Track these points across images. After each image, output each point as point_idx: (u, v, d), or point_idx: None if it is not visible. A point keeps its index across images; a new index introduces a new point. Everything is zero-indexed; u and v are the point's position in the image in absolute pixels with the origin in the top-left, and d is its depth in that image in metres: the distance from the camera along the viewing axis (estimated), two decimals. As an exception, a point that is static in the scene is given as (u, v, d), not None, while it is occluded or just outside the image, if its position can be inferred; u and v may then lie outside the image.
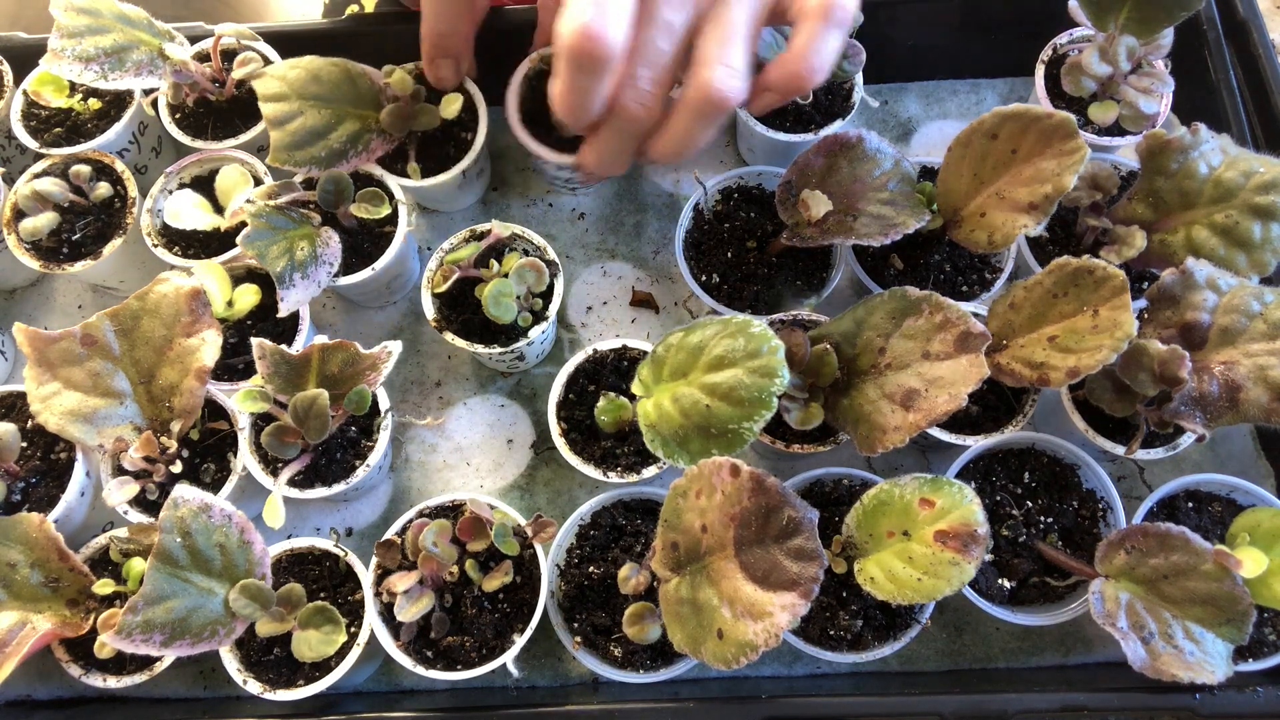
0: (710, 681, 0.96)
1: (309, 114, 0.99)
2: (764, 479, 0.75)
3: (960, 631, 0.98)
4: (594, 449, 0.96)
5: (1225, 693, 0.84)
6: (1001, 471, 0.95)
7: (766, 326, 0.84)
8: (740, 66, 0.84)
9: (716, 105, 0.83)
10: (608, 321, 1.12)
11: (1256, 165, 0.91)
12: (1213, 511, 0.94)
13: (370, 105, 1.03)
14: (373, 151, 1.03)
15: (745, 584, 0.75)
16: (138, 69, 1.03)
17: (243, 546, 0.85)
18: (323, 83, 1.00)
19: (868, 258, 1.04)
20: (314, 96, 1.00)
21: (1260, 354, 0.83)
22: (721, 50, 0.83)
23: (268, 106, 0.98)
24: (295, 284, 0.95)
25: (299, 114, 0.99)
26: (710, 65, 0.82)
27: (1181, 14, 0.97)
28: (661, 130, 0.88)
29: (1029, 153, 0.91)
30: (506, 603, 0.91)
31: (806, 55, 0.84)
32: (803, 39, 0.85)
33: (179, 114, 1.11)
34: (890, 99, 1.21)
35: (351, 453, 0.97)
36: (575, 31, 0.77)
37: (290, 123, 0.98)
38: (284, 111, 0.98)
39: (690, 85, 0.84)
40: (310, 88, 1.00)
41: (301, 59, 1.01)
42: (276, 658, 0.90)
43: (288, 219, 0.98)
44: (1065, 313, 0.85)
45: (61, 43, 1.00)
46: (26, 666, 0.95)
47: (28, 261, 1.03)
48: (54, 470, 0.98)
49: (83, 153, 1.08)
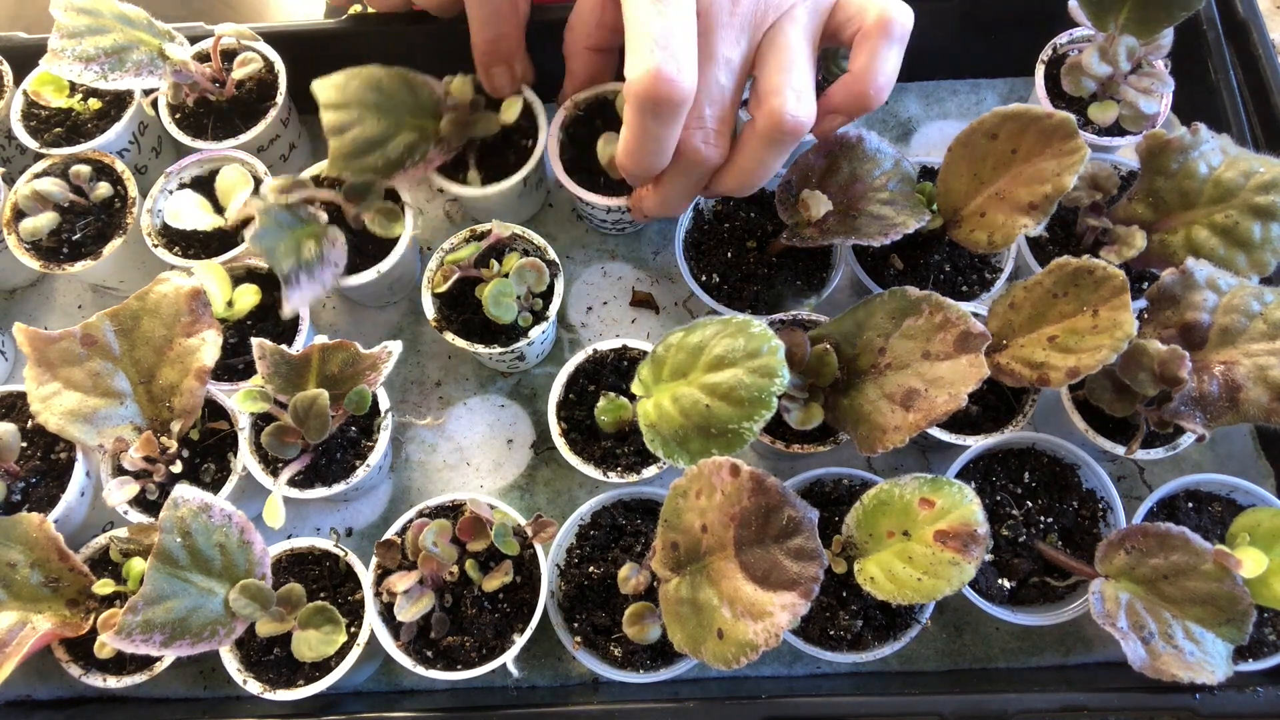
0: (710, 681, 0.96)
1: (367, 123, 0.96)
2: (764, 479, 0.75)
3: (960, 631, 0.98)
4: (594, 449, 0.96)
5: (1225, 693, 0.84)
6: (1001, 471, 0.95)
7: (766, 326, 0.84)
8: (807, 91, 0.83)
9: (789, 133, 0.83)
10: (608, 321, 1.12)
11: (1256, 165, 0.91)
12: (1213, 511, 0.94)
13: (429, 115, 1.01)
14: (430, 161, 1.00)
15: (745, 584, 0.75)
16: (138, 69, 1.03)
17: (243, 546, 0.85)
18: (382, 91, 0.98)
19: (868, 258, 1.04)
20: (373, 105, 0.97)
21: (1260, 354, 0.83)
22: (786, 77, 0.82)
23: (327, 114, 0.95)
24: (301, 284, 0.94)
25: (357, 123, 0.96)
26: (779, 94, 0.82)
27: (1181, 14, 0.97)
28: (731, 164, 0.87)
29: (1029, 153, 0.91)
30: (506, 603, 0.91)
31: (873, 75, 0.84)
32: (865, 58, 0.84)
33: (179, 114, 1.11)
34: (890, 99, 1.21)
35: (351, 453, 0.97)
36: (647, 76, 0.76)
37: (348, 131, 0.95)
38: (342, 120, 0.95)
39: (760, 115, 0.83)
40: (369, 96, 0.97)
41: (361, 68, 0.98)
42: (276, 658, 0.90)
43: (295, 217, 0.98)
44: (1065, 313, 0.86)
45: (61, 43, 1.00)
46: (26, 666, 0.95)
47: (28, 261, 1.03)
48: (54, 470, 0.98)
49: (83, 153, 1.08)
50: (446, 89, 1.02)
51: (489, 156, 1.07)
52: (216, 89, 1.09)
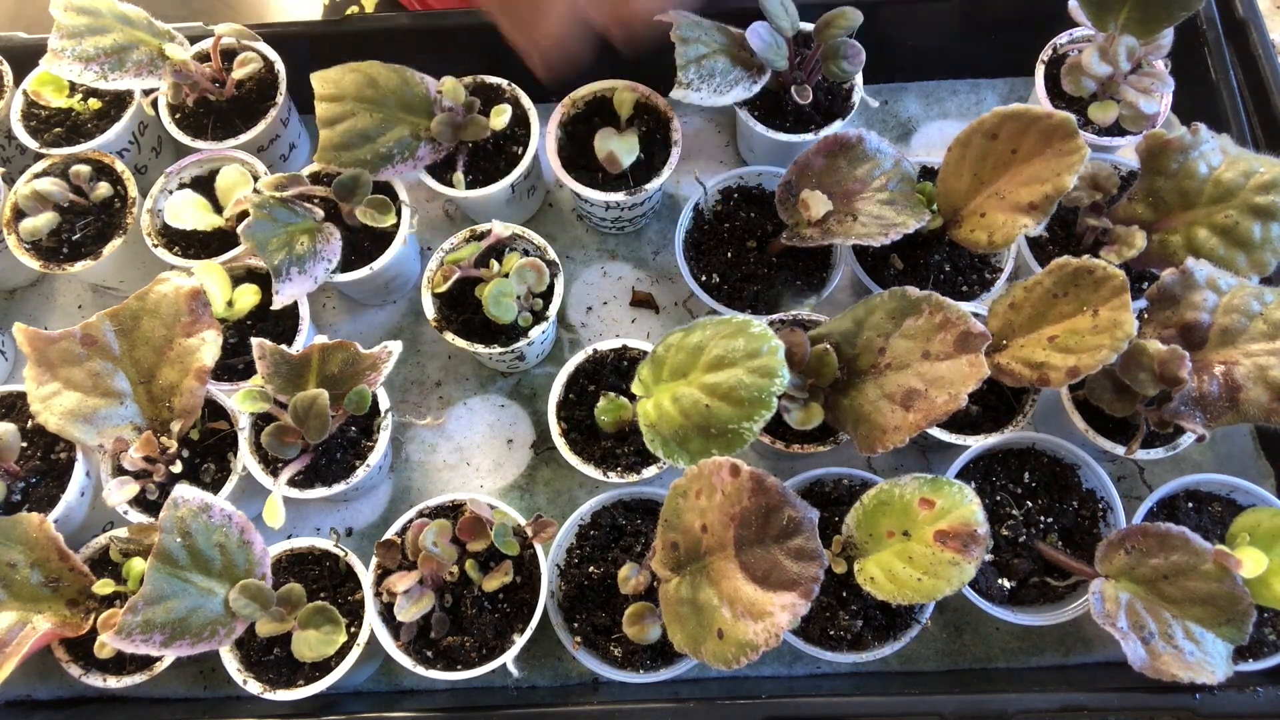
0: (710, 681, 0.96)
1: (360, 116, 0.98)
2: (764, 479, 0.75)
3: (960, 631, 0.98)
4: (594, 449, 0.96)
5: (1225, 693, 0.84)
6: (1001, 471, 0.95)
7: (766, 326, 0.84)
8: None
9: None
10: (608, 321, 1.12)
11: (1256, 165, 0.91)
12: (1213, 511, 0.94)
13: (422, 113, 1.02)
14: (420, 159, 1.02)
15: (745, 584, 0.75)
16: (138, 69, 1.03)
17: (243, 546, 0.85)
18: (377, 87, 1.00)
19: (868, 258, 1.03)
20: (367, 100, 0.99)
21: (1260, 354, 0.83)
22: None
23: (320, 106, 0.98)
24: (292, 278, 0.95)
25: (350, 115, 0.98)
26: None
27: (1181, 14, 0.97)
28: None
29: (1029, 153, 0.91)
30: (506, 603, 0.91)
31: None
32: None
33: (179, 114, 1.11)
34: (890, 99, 1.21)
35: (351, 453, 0.97)
36: None
37: (340, 124, 0.98)
38: (335, 112, 0.98)
39: None
40: (365, 91, 0.99)
41: (359, 63, 1.00)
42: (276, 658, 0.90)
43: (291, 212, 0.98)
44: (1065, 313, 0.85)
45: (61, 43, 1.00)
46: (26, 666, 0.95)
47: (28, 261, 1.03)
48: (54, 470, 0.98)
49: (83, 153, 1.08)
50: (439, 89, 1.03)
51: (480, 160, 1.07)
52: (216, 89, 1.09)
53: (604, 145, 1.02)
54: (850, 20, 1.01)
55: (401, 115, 1.01)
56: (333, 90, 0.99)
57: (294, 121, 1.17)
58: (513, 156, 1.07)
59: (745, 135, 1.14)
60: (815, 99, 1.08)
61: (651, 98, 1.07)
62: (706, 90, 0.99)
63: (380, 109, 1.00)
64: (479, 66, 1.09)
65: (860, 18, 1.01)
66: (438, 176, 1.05)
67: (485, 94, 1.09)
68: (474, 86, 1.07)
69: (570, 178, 1.04)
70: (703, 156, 1.19)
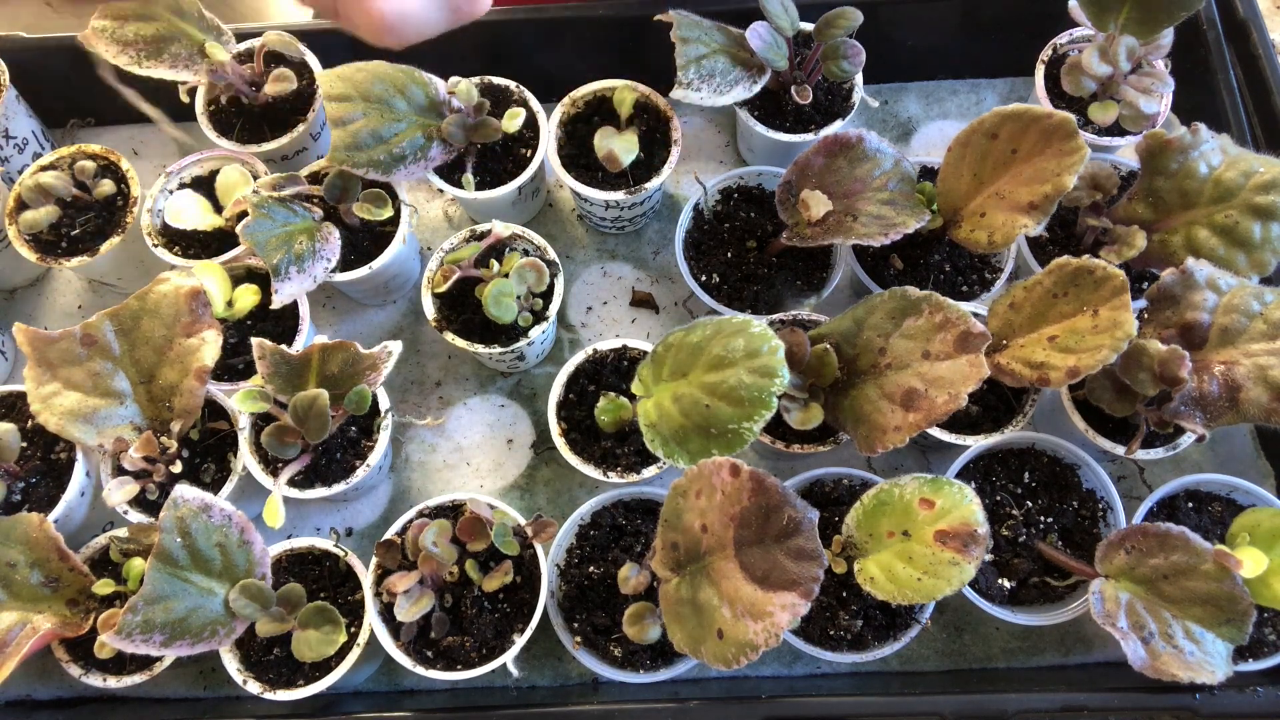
0: (710, 681, 0.96)
1: (371, 116, 0.97)
2: (764, 479, 0.75)
3: (960, 631, 0.98)
4: (594, 449, 0.96)
5: (1225, 693, 0.84)
6: (1001, 471, 0.95)
7: (766, 326, 0.84)
8: None
9: None
10: (608, 321, 1.12)
11: (1256, 165, 0.91)
12: (1213, 511, 0.94)
13: (432, 113, 1.01)
14: (431, 160, 1.01)
15: (745, 584, 0.75)
16: (174, 61, 1.02)
17: (243, 546, 0.85)
18: (388, 87, 0.99)
19: (868, 258, 1.04)
20: (378, 100, 0.98)
21: (1260, 354, 0.83)
22: None
23: (330, 105, 0.96)
24: (290, 277, 0.95)
25: (361, 115, 0.97)
26: None
27: (1181, 14, 0.97)
28: None
29: (1029, 153, 0.91)
30: (506, 603, 0.91)
31: None
32: None
33: (213, 108, 1.10)
34: (890, 99, 1.21)
35: (351, 453, 0.97)
36: None
37: (351, 124, 0.96)
38: (346, 112, 0.96)
39: None
40: (375, 91, 0.98)
41: (368, 63, 0.99)
42: (276, 658, 0.90)
43: (289, 212, 0.98)
44: (1065, 313, 0.85)
45: (103, 23, 0.99)
46: (26, 666, 0.95)
47: (26, 253, 1.03)
48: (54, 470, 0.98)
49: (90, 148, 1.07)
50: (451, 91, 1.02)
51: (488, 161, 1.07)
52: (251, 92, 1.08)
53: (604, 144, 1.02)
54: (850, 20, 1.01)
55: (411, 115, 1.01)
56: (342, 89, 0.97)
57: (326, 136, 1.15)
58: (519, 158, 1.07)
59: (745, 135, 1.14)
60: (815, 99, 1.08)
61: (651, 97, 1.07)
62: (706, 90, 0.99)
63: (390, 109, 0.99)
64: (479, 66, 1.09)
65: (860, 18, 1.01)
66: (445, 177, 1.05)
67: (493, 95, 1.08)
68: (482, 88, 1.07)
69: (570, 176, 1.04)
70: (703, 156, 1.19)
